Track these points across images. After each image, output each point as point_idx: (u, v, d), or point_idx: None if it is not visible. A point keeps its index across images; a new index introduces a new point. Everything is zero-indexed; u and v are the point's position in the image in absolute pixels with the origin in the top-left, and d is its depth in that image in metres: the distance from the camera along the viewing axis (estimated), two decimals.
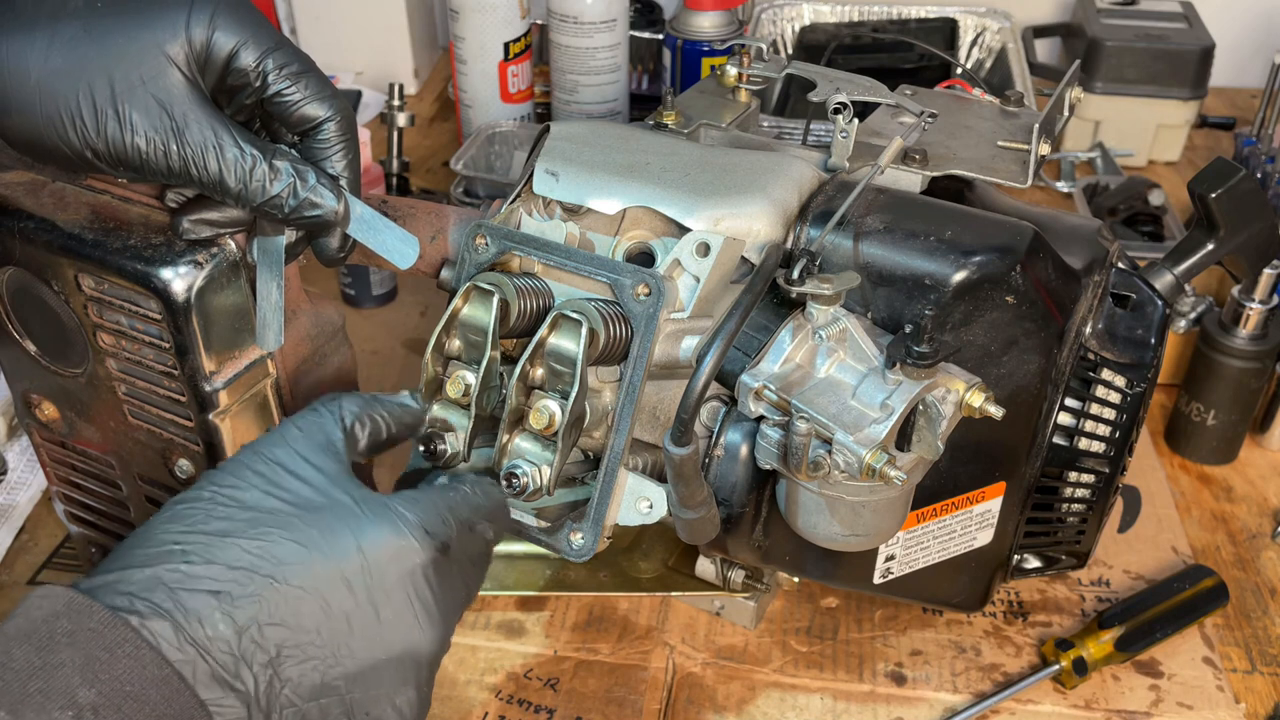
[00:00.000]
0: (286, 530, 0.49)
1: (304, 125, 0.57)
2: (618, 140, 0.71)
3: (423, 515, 0.52)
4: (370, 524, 0.51)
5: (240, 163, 0.54)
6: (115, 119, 0.52)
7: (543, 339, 0.61)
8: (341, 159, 0.58)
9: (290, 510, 0.50)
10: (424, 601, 0.52)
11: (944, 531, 0.71)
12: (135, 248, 0.60)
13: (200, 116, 0.54)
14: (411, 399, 0.59)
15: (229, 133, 0.54)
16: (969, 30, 1.36)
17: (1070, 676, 0.76)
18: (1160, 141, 1.35)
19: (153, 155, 0.53)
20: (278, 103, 0.56)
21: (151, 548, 0.48)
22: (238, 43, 0.54)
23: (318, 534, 0.50)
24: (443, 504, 0.54)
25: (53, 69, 0.52)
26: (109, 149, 0.53)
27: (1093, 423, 0.71)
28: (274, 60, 0.55)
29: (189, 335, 0.61)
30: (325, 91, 0.57)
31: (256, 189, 0.55)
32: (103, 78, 0.52)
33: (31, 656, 0.43)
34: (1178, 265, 0.73)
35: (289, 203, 0.56)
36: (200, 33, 0.53)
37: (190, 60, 0.54)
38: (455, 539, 0.54)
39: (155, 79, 0.53)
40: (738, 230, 0.65)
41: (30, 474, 0.92)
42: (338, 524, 0.50)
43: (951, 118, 0.78)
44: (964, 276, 0.62)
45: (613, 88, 1.24)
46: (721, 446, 0.65)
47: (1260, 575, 0.87)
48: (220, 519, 0.49)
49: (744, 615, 0.81)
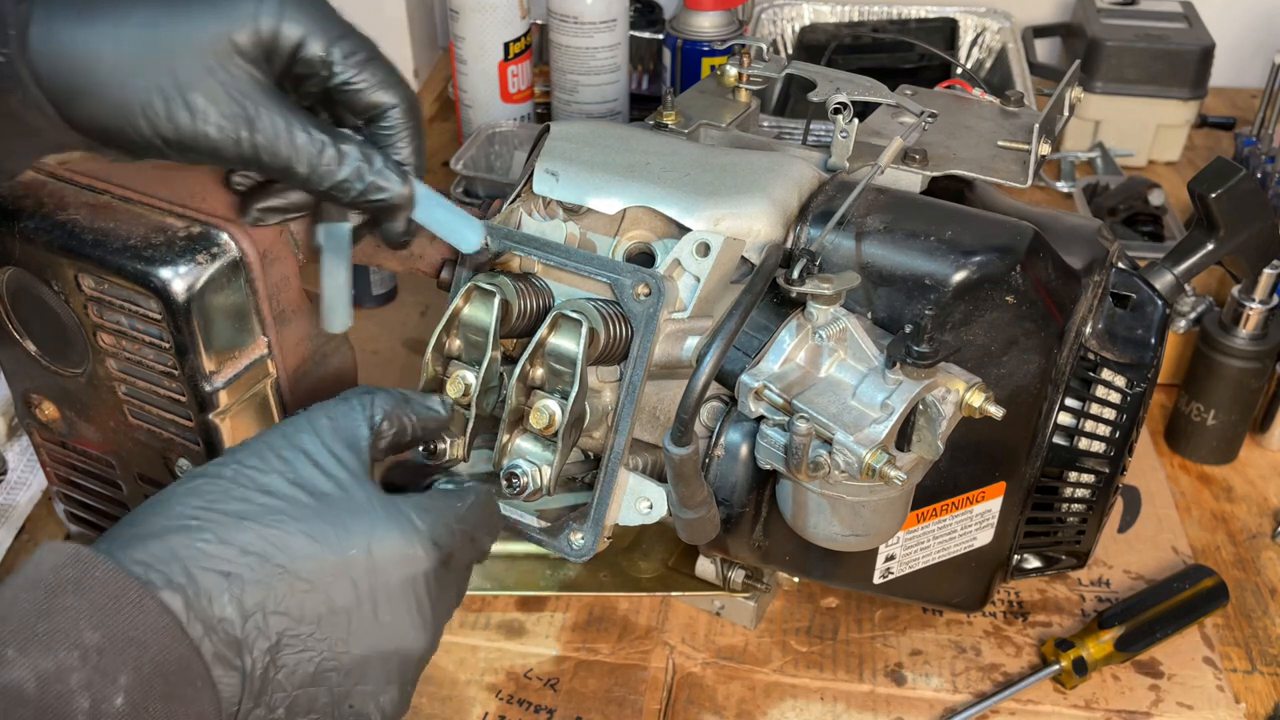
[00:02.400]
0: (301, 522, 0.50)
1: (370, 112, 0.57)
2: (618, 140, 0.71)
3: (432, 525, 0.53)
4: (383, 527, 0.52)
5: (309, 148, 0.55)
6: (186, 108, 0.52)
7: (543, 339, 0.61)
8: (407, 145, 0.58)
9: (307, 501, 0.51)
10: (421, 608, 0.53)
11: (944, 531, 0.71)
12: (135, 248, 0.60)
13: (269, 104, 0.54)
14: (441, 405, 0.60)
15: (297, 119, 0.54)
16: (969, 30, 1.36)
17: (1070, 676, 0.76)
18: (1160, 141, 1.35)
19: (223, 143, 0.54)
20: (344, 90, 0.56)
21: (169, 519, 0.49)
22: (305, 32, 0.54)
23: (331, 530, 0.51)
24: (451, 514, 0.55)
25: (122, 58, 0.52)
26: (179, 137, 0.53)
27: (1093, 423, 0.71)
28: (340, 49, 0.55)
29: (189, 335, 0.61)
30: (391, 79, 0.57)
31: (325, 173, 0.56)
32: (172, 66, 0.52)
33: (39, 601, 0.45)
34: (1178, 265, 0.73)
35: (356, 186, 0.56)
36: (269, 22, 0.53)
37: (258, 48, 0.54)
38: (457, 549, 0.55)
39: (224, 67, 0.53)
40: (738, 230, 0.65)
41: (30, 474, 0.92)
42: (352, 522, 0.51)
43: (951, 118, 0.78)
44: (964, 276, 0.62)
45: (613, 88, 1.24)
46: (721, 446, 0.65)
47: (1260, 575, 0.87)
48: (238, 500, 0.50)
49: (744, 615, 0.81)
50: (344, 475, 0.53)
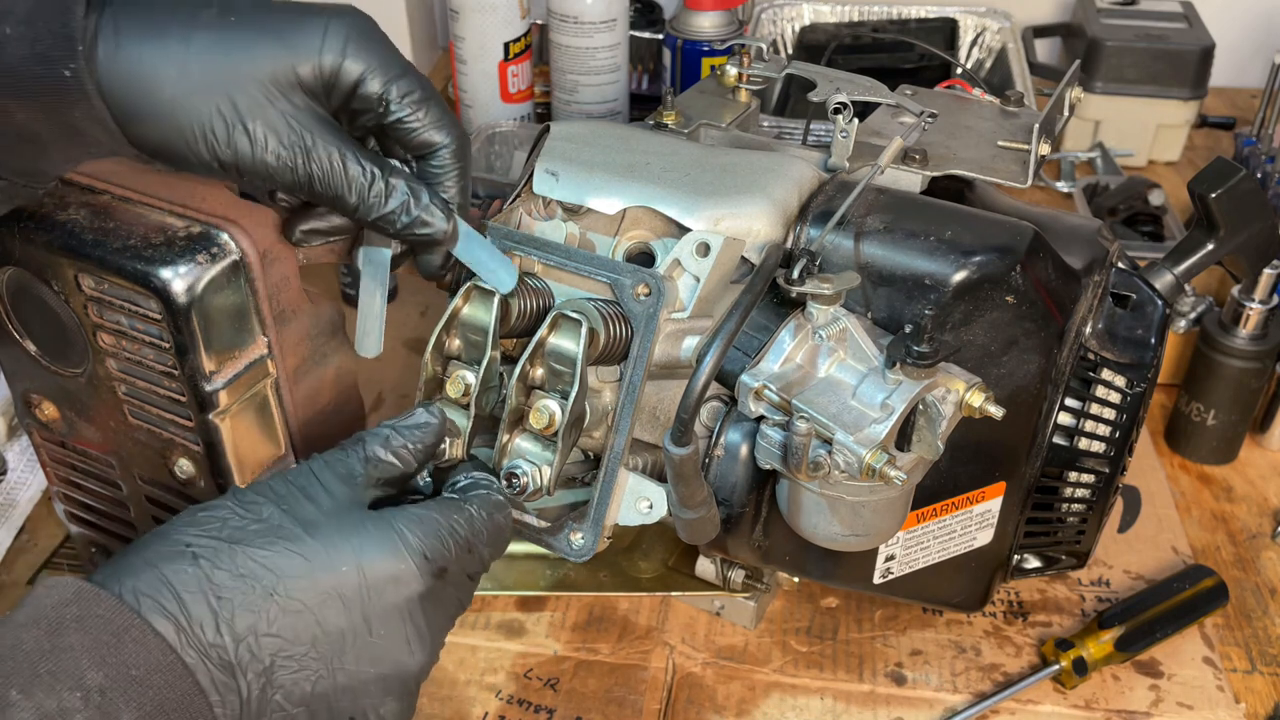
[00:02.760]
0: (292, 543, 0.51)
1: (421, 150, 0.59)
2: (618, 140, 0.71)
3: (424, 539, 0.54)
4: (373, 544, 0.53)
5: (360, 180, 0.56)
6: (246, 135, 0.54)
7: (543, 339, 0.61)
8: (454, 184, 0.60)
9: (299, 527, 0.52)
10: (416, 625, 0.54)
11: (944, 531, 0.71)
12: (135, 248, 0.60)
13: (325, 135, 0.55)
14: (427, 413, 0.60)
15: (351, 152, 0.56)
16: (969, 30, 1.36)
17: (1070, 676, 0.76)
18: (1160, 141, 1.35)
19: (279, 170, 0.55)
20: (398, 128, 0.58)
21: (165, 546, 0.50)
22: (365, 70, 0.56)
23: (321, 549, 0.52)
24: (445, 527, 0.55)
25: (188, 81, 0.53)
26: (236, 162, 0.54)
27: (1093, 423, 0.71)
28: (398, 88, 0.57)
29: (189, 335, 0.61)
30: (444, 120, 0.59)
31: (373, 204, 0.57)
32: (234, 93, 0.53)
33: (41, 640, 0.45)
34: (1178, 265, 0.73)
35: (401, 219, 0.58)
36: (331, 58, 0.55)
37: (319, 81, 0.55)
38: (454, 561, 0.55)
39: (286, 98, 0.54)
40: (738, 230, 0.65)
41: (30, 474, 0.92)
42: (341, 541, 0.52)
43: (951, 118, 0.78)
44: (964, 276, 0.62)
45: (613, 88, 1.24)
46: (721, 446, 0.65)
47: (1260, 575, 0.87)
48: (234, 527, 0.51)
49: (744, 615, 0.81)
50: (334, 503, 0.54)
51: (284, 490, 0.54)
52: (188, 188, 0.64)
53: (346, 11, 0.56)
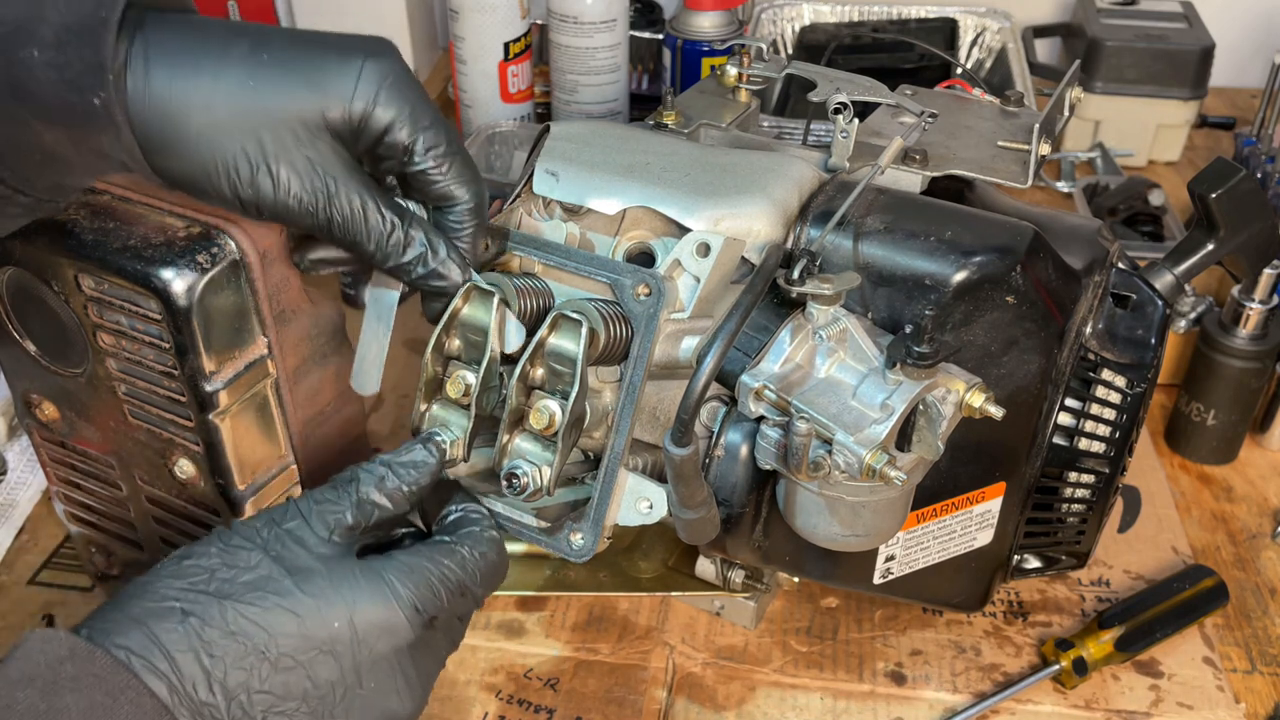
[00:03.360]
0: (281, 597, 0.51)
1: (441, 202, 0.59)
2: (618, 140, 0.71)
3: (415, 589, 0.54)
4: (365, 598, 0.52)
5: (379, 228, 0.57)
6: (269, 176, 0.54)
7: (543, 339, 0.61)
8: (469, 238, 0.60)
9: (289, 579, 0.51)
10: (406, 674, 0.54)
11: (944, 531, 0.71)
12: (135, 248, 0.60)
13: (349, 181, 0.55)
14: (425, 450, 0.59)
15: (372, 199, 0.56)
16: (969, 30, 1.36)
17: (1070, 676, 0.76)
18: (1160, 141, 1.35)
19: (300, 214, 0.55)
20: (420, 178, 0.58)
21: (152, 601, 0.49)
22: (395, 119, 0.55)
23: (312, 604, 0.51)
24: (436, 575, 0.55)
25: (216, 117, 0.52)
26: (258, 202, 0.54)
27: (1093, 423, 0.71)
28: (425, 139, 0.56)
29: (189, 335, 0.61)
30: (467, 175, 0.59)
31: (391, 253, 0.58)
32: (261, 133, 0.53)
33: (36, 701, 0.45)
34: (1178, 265, 0.73)
35: (418, 270, 0.59)
36: (361, 105, 0.54)
37: (347, 127, 0.55)
38: (445, 608, 0.55)
39: (312, 142, 0.54)
40: (738, 230, 0.65)
41: (30, 474, 0.92)
42: (333, 595, 0.52)
43: (951, 118, 0.78)
44: (964, 276, 0.62)
45: (613, 88, 1.24)
46: (721, 446, 0.65)
47: (1260, 575, 0.87)
48: (222, 579, 0.51)
49: (744, 615, 0.81)
50: (325, 550, 0.53)
51: (271, 535, 0.53)
52: None
53: (382, 54, 0.55)
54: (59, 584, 0.84)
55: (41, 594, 0.83)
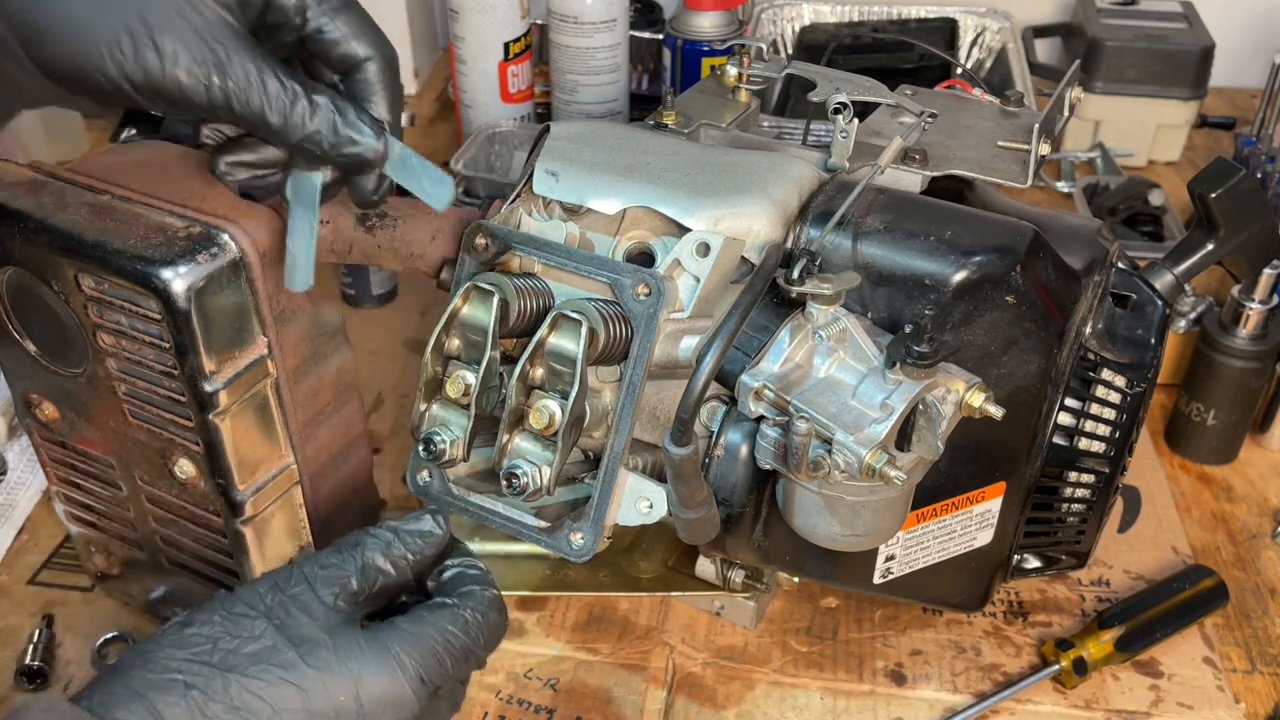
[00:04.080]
0: (286, 671, 0.50)
1: (345, 64, 0.56)
2: (618, 140, 0.71)
3: (421, 660, 0.52)
4: (370, 671, 0.51)
5: (281, 97, 0.53)
6: (155, 50, 0.51)
7: (543, 339, 0.61)
8: (382, 99, 0.57)
9: (293, 651, 0.50)
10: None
11: (944, 531, 0.71)
12: (135, 248, 0.60)
13: (241, 50, 0.52)
14: (434, 522, 0.58)
15: (269, 67, 0.53)
16: (969, 30, 1.36)
17: (1070, 676, 0.76)
18: (1160, 141, 1.35)
19: (193, 89, 0.52)
20: (317, 40, 0.55)
21: (154, 673, 0.48)
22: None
23: (316, 677, 0.50)
24: (440, 642, 0.53)
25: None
26: (148, 81, 0.51)
27: (1093, 423, 0.71)
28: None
29: (189, 335, 0.61)
30: (366, 29, 0.56)
31: (296, 124, 0.54)
32: (144, 7, 0.50)
33: None
34: (1178, 265, 0.73)
35: (329, 139, 0.55)
36: None
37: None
38: (449, 676, 0.54)
39: (196, 9, 0.51)
40: (738, 230, 0.65)
41: (30, 474, 0.92)
42: (339, 668, 0.51)
43: (951, 118, 0.78)
44: (964, 276, 0.62)
45: (613, 88, 1.24)
46: (721, 446, 0.65)
47: (1260, 575, 0.87)
48: (225, 650, 0.50)
49: (744, 615, 0.81)
50: (331, 620, 0.52)
51: (275, 602, 0.52)
52: (188, 187, 0.64)
53: None
54: (59, 584, 0.84)
55: (41, 594, 0.83)
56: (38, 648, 0.77)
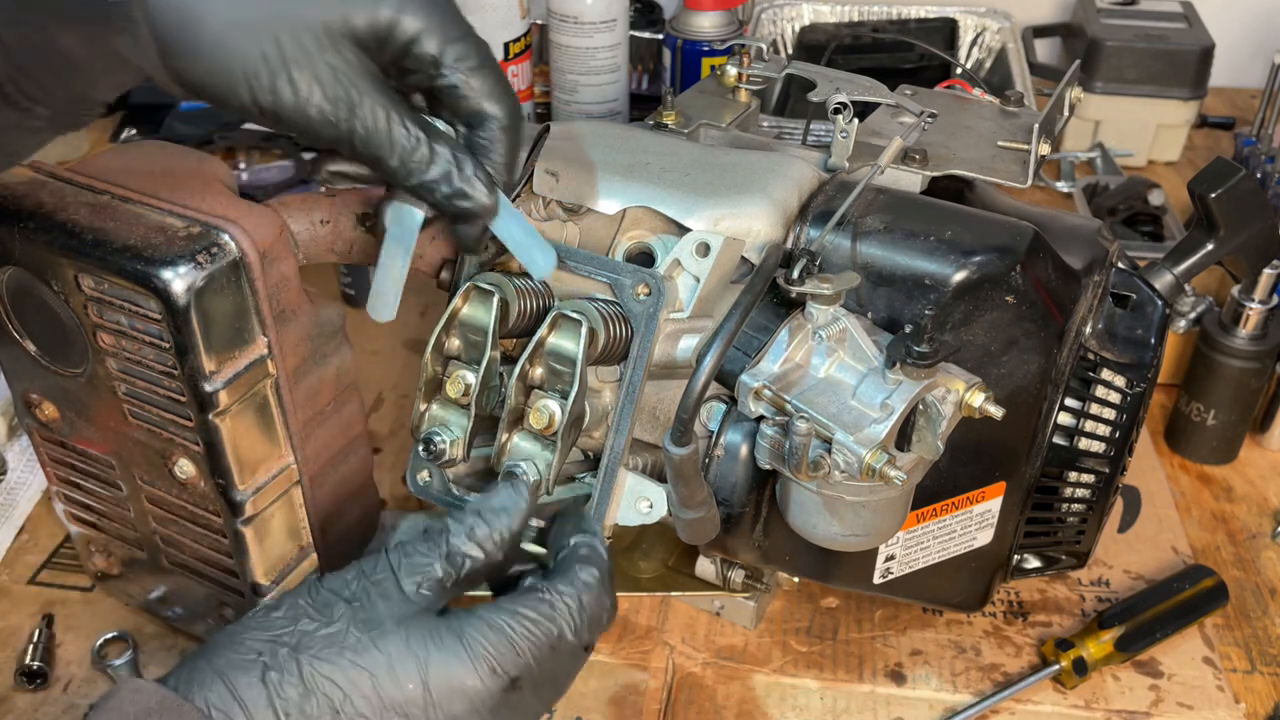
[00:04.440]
0: (356, 655, 0.50)
1: (471, 119, 0.56)
2: (618, 140, 0.71)
3: (494, 648, 0.51)
4: (438, 658, 0.51)
5: (404, 143, 0.54)
6: (289, 84, 0.51)
7: (542, 339, 0.61)
8: (501, 158, 0.57)
9: (366, 635, 0.51)
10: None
11: (944, 531, 0.71)
12: (135, 248, 0.60)
13: (372, 92, 0.53)
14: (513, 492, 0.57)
15: (397, 112, 0.53)
16: (969, 30, 1.36)
17: (1070, 676, 0.76)
18: (1160, 141, 1.35)
19: (321, 124, 0.53)
20: (449, 93, 0.55)
21: (237, 654, 0.49)
22: (423, 28, 0.53)
23: (385, 663, 0.50)
24: (519, 631, 0.52)
25: (236, 20, 0.50)
26: (277, 110, 0.52)
27: (1093, 423, 0.71)
28: (453, 51, 0.54)
29: (189, 335, 0.61)
30: (498, 89, 0.56)
31: (414, 169, 0.55)
32: (283, 38, 0.51)
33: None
34: (1178, 265, 0.73)
35: (443, 189, 0.56)
36: (387, 13, 0.52)
37: (372, 35, 0.52)
38: (530, 666, 0.52)
39: (336, 49, 0.52)
40: (738, 230, 0.65)
41: (30, 474, 0.92)
42: (408, 654, 0.50)
43: (951, 118, 0.78)
44: (964, 276, 0.62)
45: (613, 88, 1.24)
46: (721, 446, 0.65)
47: (1260, 575, 0.87)
48: (303, 633, 0.50)
49: (744, 615, 0.81)
50: (408, 608, 0.52)
51: (359, 588, 0.52)
52: (188, 187, 0.64)
53: None
54: (59, 584, 0.84)
55: (42, 594, 0.83)
56: (38, 648, 0.77)
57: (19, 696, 0.76)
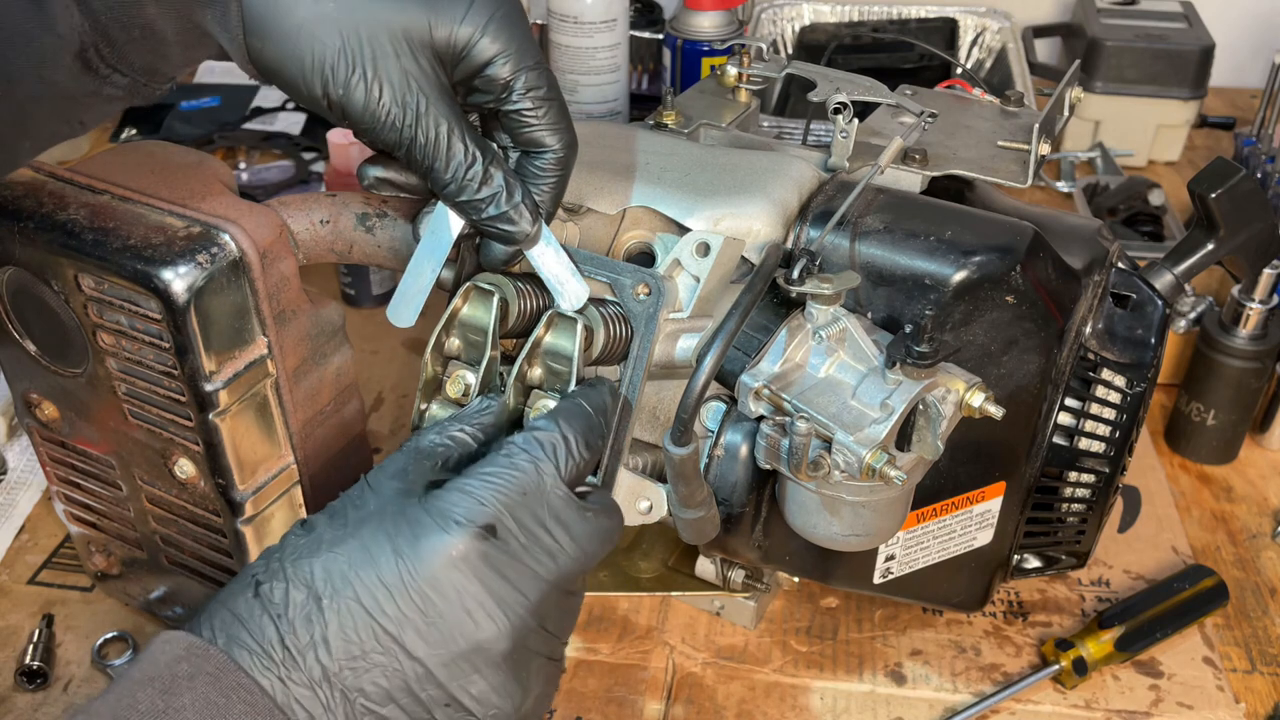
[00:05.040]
0: (332, 545, 0.50)
1: (529, 147, 0.58)
2: (618, 140, 0.71)
3: (455, 503, 0.51)
4: (403, 524, 0.51)
5: (459, 160, 0.55)
6: (364, 82, 0.53)
7: (539, 339, 0.61)
8: (549, 189, 0.59)
9: (343, 529, 0.51)
10: (474, 593, 0.50)
11: (944, 531, 0.71)
12: (135, 248, 0.60)
13: (440, 104, 0.54)
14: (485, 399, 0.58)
15: (459, 128, 0.55)
16: (969, 30, 1.36)
17: (1070, 676, 0.76)
18: (1160, 141, 1.35)
19: (385, 126, 0.54)
20: (513, 118, 0.57)
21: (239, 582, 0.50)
22: (498, 53, 0.54)
23: (357, 544, 0.50)
24: (477, 483, 0.51)
25: (320, 13, 0.52)
26: (345, 106, 0.54)
27: (1093, 423, 0.71)
28: (526, 79, 0.55)
29: (189, 335, 0.61)
30: (561, 123, 0.58)
31: (465, 187, 0.56)
32: (364, 36, 0.52)
33: (155, 699, 0.46)
34: (1178, 265, 0.73)
35: (489, 210, 0.57)
36: (469, 31, 0.54)
37: (450, 50, 0.54)
38: (502, 513, 0.51)
39: (411, 58, 0.53)
40: (738, 230, 0.65)
41: (30, 474, 0.92)
42: (376, 530, 0.51)
43: (951, 118, 0.78)
44: (964, 276, 0.62)
45: (613, 88, 1.24)
46: (721, 446, 0.65)
47: (1260, 575, 0.87)
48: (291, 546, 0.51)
49: (744, 615, 0.81)
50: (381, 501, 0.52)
51: (339, 505, 0.53)
52: (188, 187, 0.64)
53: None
54: (59, 584, 0.84)
55: (42, 594, 0.83)
56: (38, 648, 0.77)
57: (19, 696, 0.76)
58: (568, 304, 0.61)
